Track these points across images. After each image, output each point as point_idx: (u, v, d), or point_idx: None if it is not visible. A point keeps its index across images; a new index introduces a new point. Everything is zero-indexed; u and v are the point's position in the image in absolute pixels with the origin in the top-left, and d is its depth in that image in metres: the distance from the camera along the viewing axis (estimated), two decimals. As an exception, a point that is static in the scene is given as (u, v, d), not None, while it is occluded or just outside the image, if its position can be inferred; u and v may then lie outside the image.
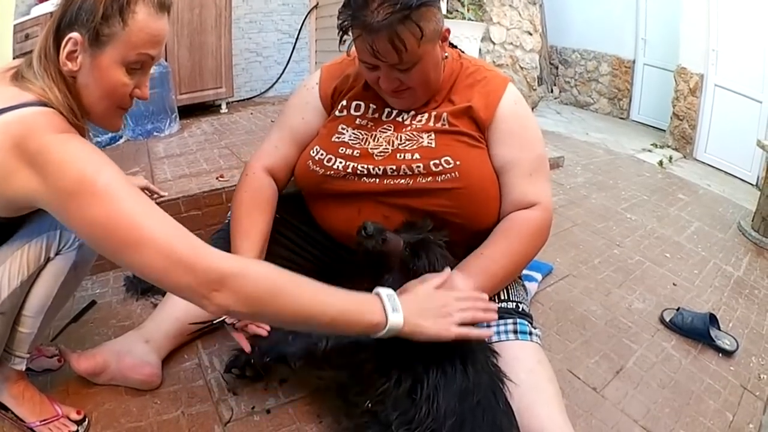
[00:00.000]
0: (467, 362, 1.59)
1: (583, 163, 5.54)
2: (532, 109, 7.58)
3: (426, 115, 2.00)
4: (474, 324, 1.58)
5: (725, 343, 2.60)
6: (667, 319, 2.74)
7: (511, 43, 7.28)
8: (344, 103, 2.10)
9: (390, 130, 2.01)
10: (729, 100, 6.74)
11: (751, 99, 6.44)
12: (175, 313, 2.09)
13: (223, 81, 5.02)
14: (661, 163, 6.28)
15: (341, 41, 1.88)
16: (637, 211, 4.31)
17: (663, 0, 7.94)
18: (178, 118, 4.50)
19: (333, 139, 2.03)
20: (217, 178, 3.25)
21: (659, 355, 2.52)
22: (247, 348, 1.79)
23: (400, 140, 1.96)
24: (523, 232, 1.90)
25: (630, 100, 8.96)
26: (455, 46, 2.19)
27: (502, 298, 2.02)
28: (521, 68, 7.51)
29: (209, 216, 2.11)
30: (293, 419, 1.92)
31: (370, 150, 1.96)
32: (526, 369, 1.83)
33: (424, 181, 1.91)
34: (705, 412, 2.20)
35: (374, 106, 2.07)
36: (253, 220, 1.98)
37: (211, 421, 1.89)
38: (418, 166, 1.90)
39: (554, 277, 3.12)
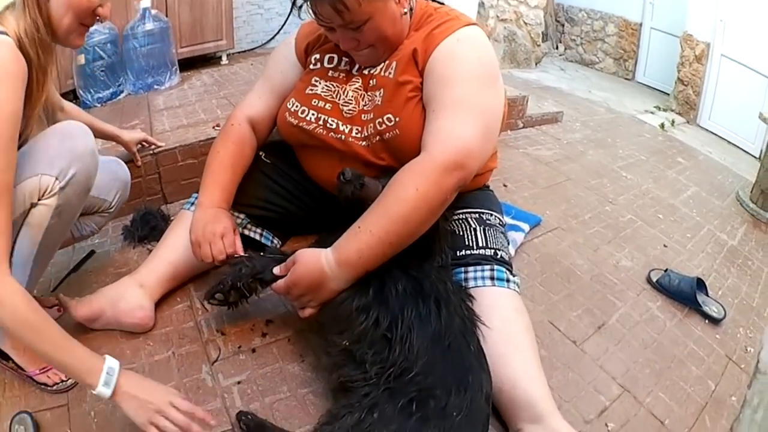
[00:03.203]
0: (441, 305, 1.65)
1: (582, 119, 5.46)
2: (535, 64, 7.52)
3: (383, 65, 2.01)
4: None
5: (712, 309, 2.55)
6: (654, 280, 2.70)
7: None
8: (317, 56, 2.16)
9: (358, 82, 2.05)
10: (735, 71, 6.66)
11: (757, 72, 6.36)
12: (168, 257, 2.17)
13: (224, 33, 4.97)
14: (662, 125, 6.22)
15: (294, 6, 1.90)
16: (633, 171, 4.24)
17: (672, -36, 7.74)
18: (178, 71, 4.49)
19: (307, 92, 2.11)
20: (213, 127, 3.28)
21: (643, 314, 2.48)
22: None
23: (365, 100, 2.01)
24: (400, 193, 1.68)
25: (636, 62, 8.82)
26: None
27: (480, 244, 2.04)
28: (525, 24, 7.48)
29: (204, 164, 2.12)
30: (277, 358, 1.99)
31: (340, 105, 2.04)
32: (502, 316, 1.84)
33: (375, 140, 1.97)
34: (686, 377, 2.16)
35: (347, 59, 2.11)
36: (230, 171, 2.14)
37: (199, 361, 1.97)
38: (371, 126, 1.97)
39: (542, 229, 3.07)
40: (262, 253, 1.96)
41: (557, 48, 9.89)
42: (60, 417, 1.76)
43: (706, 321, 2.53)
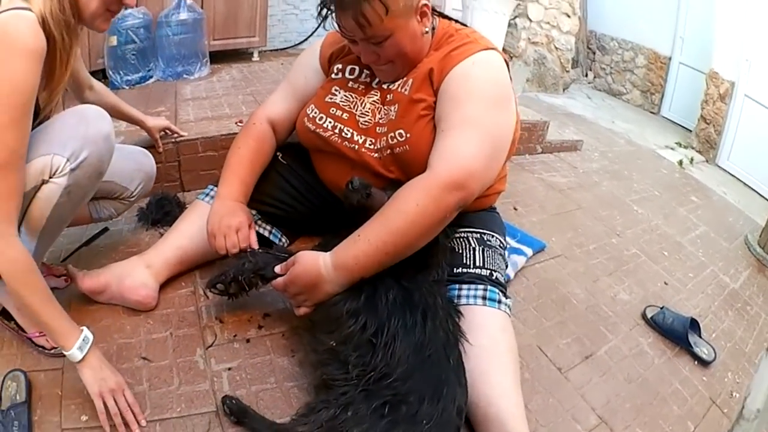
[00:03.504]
0: (427, 317, 1.71)
1: (601, 149, 5.44)
2: (563, 90, 7.51)
3: (401, 81, 2.06)
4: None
5: (703, 351, 2.55)
6: (649, 316, 2.71)
7: (548, 23, 7.28)
8: (340, 66, 2.22)
9: (376, 96, 2.10)
10: (758, 112, 6.60)
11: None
12: (177, 242, 2.27)
13: (257, 30, 5.05)
14: (681, 162, 6.19)
15: (320, 16, 1.94)
16: (645, 205, 4.23)
17: (704, 0, 7.67)
18: (208, 63, 4.57)
19: (326, 99, 2.16)
20: (236, 123, 3.34)
21: (633, 349, 2.49)
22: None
23: (381, 114, 2.06)
24: (401, 206, 1.74)
25: (662, 96, 8.76)
26: (451, 18, 2.21)
27: (477, 264, 2.08)
28: (556, 48, 7.48)
29: (224, 157, 2.24)
30: (269, 350, 2.07)
31: (357, 116, 2.10)
32: (488, 335, 1.89)
33: (386, 153, 2.02)
34: (667, 416, 2.16)
35: (367, 72, 2.16)
36: (249, 167, 2.22)
37: (194, 344, 2.06)
38: (383, 140, 2.01)
39: (546, 255, 3.09)
40: (267, 250, 2.03)
41: (587, 75, 9.88)
42: (53, 379, 1.83)
43: (696, 362, 2.52)
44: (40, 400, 1.76)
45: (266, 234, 2.35)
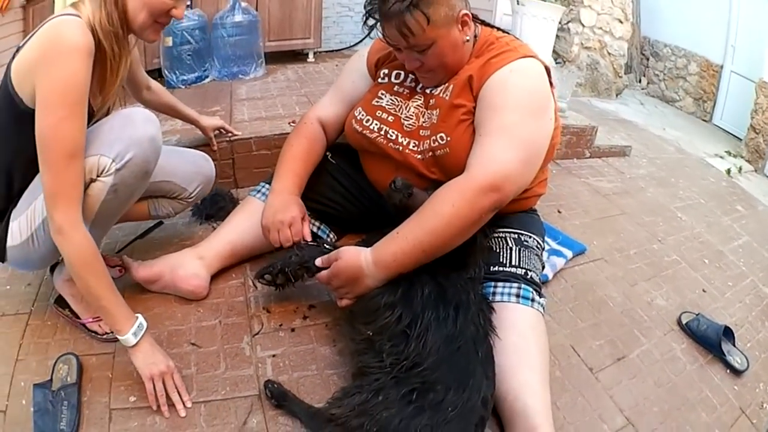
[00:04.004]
0: (459, 312, 1.78)
1: (650, 156, 5.38)
2: (616, 95, 7.45)
3: (443, 87, 2.12)
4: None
5: (735, 360, 2.51)
6: (684, 322, 2.69)
7: (601, 28, 7.23)
8: (386, 71, 2.30)
9: (420, 100, 2.18)
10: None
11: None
12: (228, 236, 2.36)
13: (312, 32, 5.14)
14: (729, 171, 6.08)
15: (365, 25, 2.05)
16: (689, 213, 4.19)
17: (755, 9, 7.57)
18: (264, 64, 4.67)
19: (373, 103, 2.25)
20: (289, 123, 3.44)
21: (665, 354, 2.48)
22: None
23: (424, 117, 2.14)
24: (438, 207, 1.81)
25: (714, 104, 8.60)
26: (493, 26, 2.25)
27: (513, 263, 2.12)
28: (609, 54, 7.44)
29: (276, 156, 2.36)
30: (312, 340, 2.15)
31: (402, 119, 2.18)
32: (519, 332, 1.93)
33: (428, 155, 2.10)
34: (694, 422, 2.14)
35: (412, 77, 2.23)
36: (302, 163, 2.31)
37: (242, 332, 2.15)
38: (426, 143, 2.09)
39: (585, 258, 3.09)
40: (314, 245, 2.11)
41: (640, 81, 9.75)
42: (104, 363, 1.94)
43: (728, 370, 2.48)
44: (91, 382, 1.86)
45: (314, 229, 2.43)
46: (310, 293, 2.35)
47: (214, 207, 2.86)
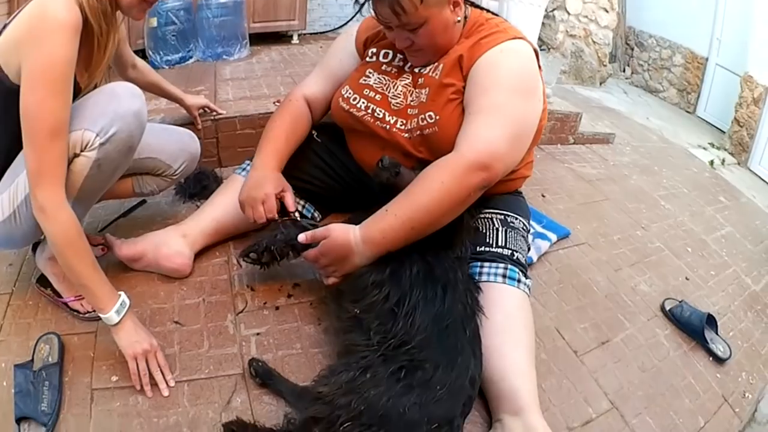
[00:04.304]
0: (447, 291, 1.77)
1: (633, 144, 5.37)
2: (600, 83, 7.44)
3: (432, 66, 2.11)
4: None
5: (718, 348, 2.50)
6: (668, 308, 2.68)
7: (586, 17, 7.27)
8: (374, 50, 2.29)
9: (408, 79, 2.16)
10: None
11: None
12: (213, 213, 2.35)
13: (297, 14, 5.09)
14: (712, 163, 6.10)
15: (357, 3, 2.04)
16: (672, 201, 4.17)
17: (742, 3, 7.53)
18: (248, 45, 4.64)
19: (360, 81, 2.24)
20: (274, 103, 3.41)
21: (649, 339, 2.47)
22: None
23: (412, 96, 2.12)
24: (427, 184, 1.79)
25: (698, 96, 8.59)
26: (482, 8, 2.25)
27: (499, 243, 2.12)
28: (593, 42, 7.47)
29: (261, 135, 2.33)
30: (296, 318, 2.14)
31: (389, 98, 2.16)
32: (505, 312, 1.92)
33: (416, 134, 2.09)
34: (678, 408, 2.14)
35: (401, 56, 2.22)
36: (284, 139, 2.27)
37: (225, 310, 2.14)
38: (414, 121, 2.08)
39: (569, 242, 3.09)
40: (299, 222, 2.08)
41: (624, 71, 9.75)
42: (86, 342, 1.92)
43: (710, 358, 2.48)
44: (73, 361, 1.83)
45: (299, 208, 2.39)
46: (295, 272, 2.33)
47: (198, 186, 2.83)
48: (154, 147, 2.20)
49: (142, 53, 4.10)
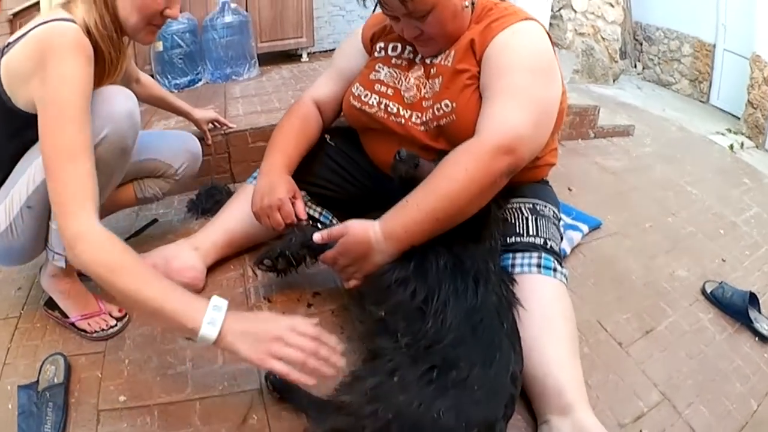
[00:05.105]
0: (479, 283, 1.61)
1: (653, 135, 5.23)
2: (613, 80, 7.33)
3: (443, 55, 1.98)
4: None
5: (763, 327, 2.35)
6: (708, 291, 2.53)
7: (593, 13, 7.21)
8: (382, 44, 2.17)
9: (420, 71, 2.03)
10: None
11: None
12: (224, 225, 2.23)
13: (304, 31, 5.00)
14: (731, 147, 5.99)
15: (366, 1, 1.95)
16: (698, 187, 4.01)
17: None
18: (257, 64, 4.53)
19: (370, 77, 2.11)
20: None
21: (693, 325, 2.32)
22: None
23: (426, 88, 1.99)
24: (449, 171, 1.66)
25: (710, 84, 8.48)
26: None
27: (530, 233, 1.99)
28: (602, 39, 7.40)
29: None
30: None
31: (402, 92, 2.03)
32: (543, 303, 1.80)
33: (433, 126, 1.94)
34: (729, 393, 1.98)
35: (410, 48, 2.10)
36: (293, 142, 2.15)
37: None
38: (430, 112, 1.94)
39: (601, 232, 2.94)
40: (315, 224, 2.01)
41: (635, 66, 9.63)
42: (94, 362, 1.81)
43: (756, 338, 2.33)
44: (80, 383, 1.73)
45: (316, 215, 2.28)
46: (315, 280, 2.19)
47: (210, 201, 2.72)
48: (153, 148, 2.12)
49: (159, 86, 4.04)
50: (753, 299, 2.42)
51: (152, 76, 3.78)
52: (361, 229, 1.68)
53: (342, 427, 1.38)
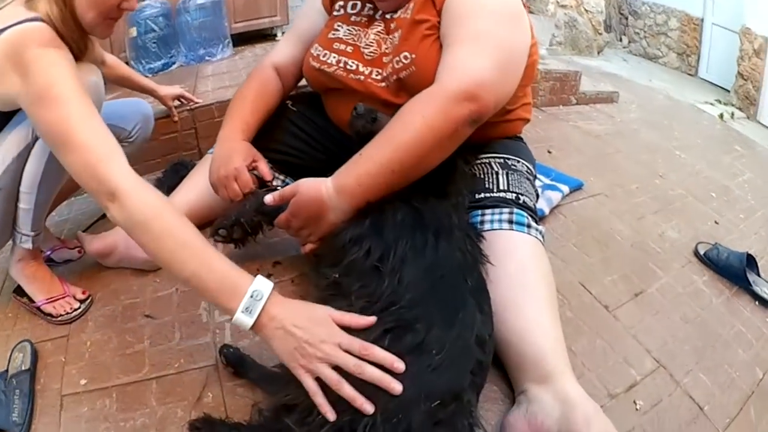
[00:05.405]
0: (440, 237, 1.48)
1: (639, 102, 5.11)
2: (597, 53, 7.25)
3: (403, 8, 1.89)
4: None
5: (764, 290, 2.22)
6: (702, 252, 2.39)
7: None
8: (341, 3, 2.10)
9: (380, 26, 1.96)
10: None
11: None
12: (185, 197, 2.15)
13: (278, 10, 4.92)
14: (721, 116, 5.86)
15: None
16: (687, 152, 3.88)
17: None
18: (231, 45, 4.47)
19: (329, 36, 2.04)
20: None
21: (687, 287, 2.18)
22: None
23: (386, 44, 1.90)
24: (406, 118, 1.54)
25: (698, 58, 8.34)
26: None
27: (501, 187, 1.87)
28: (586, 11, 7.31)
29: None
30: None
31: (361, 48, 1.95)
32: (517, 261, 1.67)
33: (393, 79, 1.83)
34: (732, 360, 1.86)
35: (370, 5, 2.03)
36: (250, 106, 2.06)
37: (199, 298, 1.92)
38: (389, 67, 1.85)
39: (584, 193, 2.79)
40: (269, 188, 1.90)
41: (621, 40, 9.49)
42: (59, 346, 1.78)
43: (756, 302, 2.20)
44: (45, 368, 1.70)
45: (279, 183, 2.17)
46: (275, 249, 2.11)
47: (176, 177, 2.57)
48: (105, 115, 1.96)
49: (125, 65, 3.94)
50: (750, 261, 2.29)
51: (127, 62, 3.77)
52: (312, 186, 1.57)
53: (291, 401, 1.24)
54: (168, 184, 2.56)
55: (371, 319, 1.24)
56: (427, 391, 1.17)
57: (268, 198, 1.63)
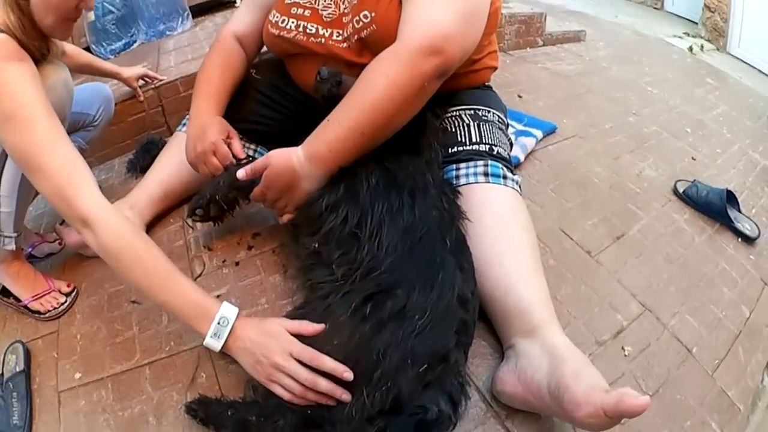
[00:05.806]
0: (416, 197, 1.48)
1: (607, 39, 5.05)
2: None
3: None
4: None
5: (745, 227, 2.22)
6: (681, 190, 2.38)
7: None
8: None
9: None
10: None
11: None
12: (159, 177, 2.14)
13: None
14: (691, 49, 5.81)
15: None
16: (659, 87, 3.84)
17: None
18: (190, 16, 4.36)
19: (286, 1, 1.98)
20: None
21: (668, 227, 2.18)
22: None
23: (345, 4, 1.84)
24: (370, 79, 1.51)
25: (665, -9, 8.21)
26: None
27: (474, 140, 1.84)
28: None
29: None
30: (259, 270, 1.92)
31: (320, 11, 1.89)
32: (495, 214, 1.66)
33: (354, 40, 1.79)
34: (717, 300, 1.86)
35: None
36: (218, 80, 2.02)
37: None
38: (349, 27, 1.80)
39: (557, 136, 2.74)
40: (242, 161, 1.84)
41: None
42: (50, 343, 1.77)
43: (739, 239, 2.20)
44: (39, 366, 1.70)
45: (251, 153, 2.15)
46: (254, 220, 2.10)
47: (148, 157, 2.58)
48: None
49: (87, 50, 3.74)
50: (730, 197, 2.28)
51: (88, 47, 3.76)
52: (283, 156, 1.56)
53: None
54: (140, 164, 2.58)
55: (319, 327, 1.28)
56: (413, 356, 1.17)
57: (241, 173, 1.60)
